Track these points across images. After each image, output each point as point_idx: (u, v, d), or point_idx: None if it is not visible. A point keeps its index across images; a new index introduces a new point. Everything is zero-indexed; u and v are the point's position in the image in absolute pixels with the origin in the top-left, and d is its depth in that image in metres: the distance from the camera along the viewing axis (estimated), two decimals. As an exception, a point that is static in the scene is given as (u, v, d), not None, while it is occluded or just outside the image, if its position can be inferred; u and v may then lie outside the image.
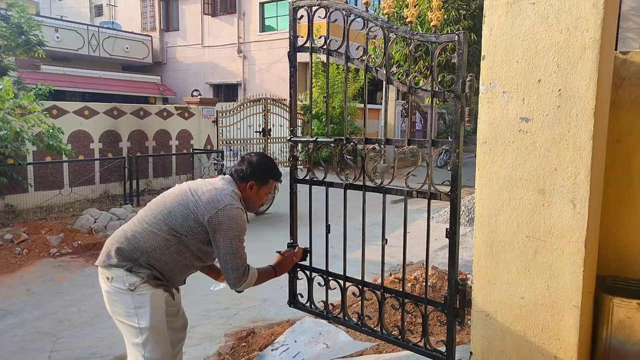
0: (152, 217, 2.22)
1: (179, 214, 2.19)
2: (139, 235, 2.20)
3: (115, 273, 2.17)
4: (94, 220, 7.38)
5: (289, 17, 2.96)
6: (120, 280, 2.16)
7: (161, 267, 2.21)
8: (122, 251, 2.18)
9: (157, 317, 2.21)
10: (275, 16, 18.79)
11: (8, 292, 4.96)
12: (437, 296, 3.85)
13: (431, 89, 2.43)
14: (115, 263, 2.16)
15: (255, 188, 2.39)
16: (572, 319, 2.00)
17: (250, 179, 2.37)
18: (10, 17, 9.09)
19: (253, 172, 2.38)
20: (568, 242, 1.98)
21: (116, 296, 2.19)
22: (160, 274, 2.22)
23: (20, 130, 6.75)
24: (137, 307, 2.15)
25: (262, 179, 2.41)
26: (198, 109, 11.66)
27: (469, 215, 7.74)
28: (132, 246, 2.18)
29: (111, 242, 2.25)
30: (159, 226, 2.19)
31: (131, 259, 2.17)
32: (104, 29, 19.49)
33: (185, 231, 2.18)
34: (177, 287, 2.40)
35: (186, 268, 2.31)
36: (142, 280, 2.16)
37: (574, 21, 1.89)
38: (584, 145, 1.91)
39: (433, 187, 2.47)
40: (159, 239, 2.18)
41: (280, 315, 4.26)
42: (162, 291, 2.24)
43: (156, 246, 2.18)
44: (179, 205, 2.22)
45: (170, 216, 2.20)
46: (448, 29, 8.41)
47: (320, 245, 2.92)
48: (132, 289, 2.14)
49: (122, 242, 2.20)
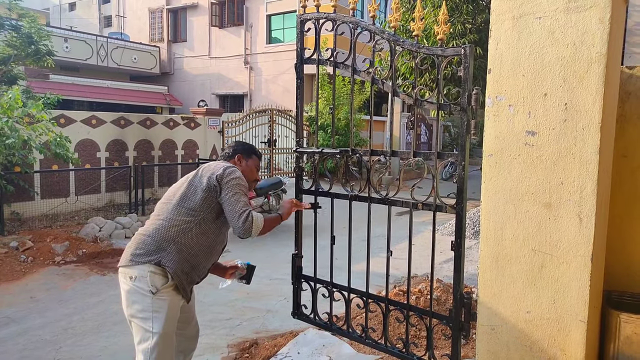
0: (167, 208, 2.34)
1: (189, 192, 2.33)
2: (161, 227, 2.29)
3: (140, 271, 2.21)
4: (99, 228, 7.39)
5: (296, 30, 2.99)
6: (143, 281, 2.20)
7: (188, 253, 2.28)
8: (149, 245, 2.25)
9: (170, 324, 2.26)
10: (282, 28, 18.94)
11: (12, 299, 4.97)
12: (442, 309, 3.82)
13: (437, 102, 2.44)
14: (144, 260, 2.22)
15: (243, 161, 2.58)
16: (579, 334, 1.98)
17: (235, 154, 2.59)
18: (21, 27, 9.21)
19: (236, 148, 2.62)
20: (574, 256, 1.97)
21: (135, 296, 2.22)
22: (187, 262, 2.28)
23: (28, 139, 6.80)
24: (154, 311, 2.20)
25: (245, 153, 2.61)
26: (204, 119, 11.72)
27: (474, 229, 7.70)
28: (158, 238, 2.26)
29: (134, 243, 2.31)
30: (177, 211, 2.31)
31: (159, 249, 2.24)
32: (112, 40, 19.70)
33: (199, 207, 2.31)
34: (200, 279, 2.44)
35: (209, 251, 2.39)
36: (165, 283, 2.22)
37: (580, 36, 1.90)
38: (591, 159, 1.91)
39: (439, 200, 2.47)
40: (179, 223, 2.29)
41: (283, 327, 4.24)
42: (180, 298, 2.31)
43: (179, 231, 2.28)
44: (188, 186, 2.36)
45: (182, 199, 2.33)
46: (454, 42, 8.44)
47: (325, 256, 2.91)
48: (153, 291, 2.19)
49: (146, 239, 2.27)
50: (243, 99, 19.76)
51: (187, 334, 2.57)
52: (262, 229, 2.36)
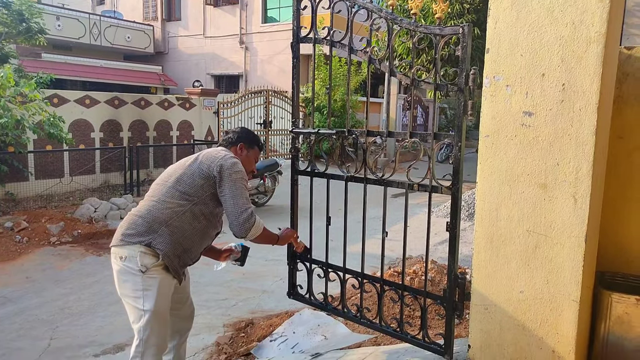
0: (162, 189, 2.31)
1: (186, 176, 2.30)
2: (153, 209, 2.26)
3: (130, 251, 2.20)
4: (94, 209, 7.37)
5: (292, 8, 2.95)
6: (133, 260, 2.19)
7: (181, 236, 2.26)
8: (140, 226, 2.23)
9: (162, 302, 2.25)
10: (277, 7, 18.68)
11: (8, 279, 4.97)
12: (436, 290, 3.86)
13: (434, 82, 2.42)
14: (134, 240, 2.20)
15: (244, 150, 2.54)
16: (571, 314, 2.00)
17: (238, 141, 2.54)
18: (12, 4, 9.03)
19: (240, 136, 2.57)
20: (568, 237, 1.98)
21: (126, 276, 2.22)
22: (180, 245, 2.26)
23: (21, 119, 6.72)
24: (144, 289, 2.20)
25: (248, 143, 2.57)
26: (199, 99, 11.63)
27: (469, 210, 7.74)
28: (150, 219, 2.23)
29: (126, 223, 2.29)
30: (171, 194, 2.28)
31: (151, 231, 2.21)
32: (105, 18, 19.38)
33: (195, 192, 2.28)
34: (192, 262, 2.42)
35: (202, 235, 2.37)
36: (154, 263, 2.20)
37: (579, 15, 1.87)
38: (587, 141, 1.91)
39: (434, 181, 2.47)
40: (173, 206, 2.26)
41: (279, 307, 4.27)
42: (171, 278, 2.28)
43: (172, 214, 2.24)
44: (183, 169, 2.34)
45: (178, 182, 2.30)
46: (451, 22, 8.37)
47: (321, 237, 2.92)
48: (143, 270, 2.18)
49: (138, 220, 2.25)
50: (238, 79, 19.59)
51: (182, 314, 2.57)
52: (258, 237, 2.35)
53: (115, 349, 3.58)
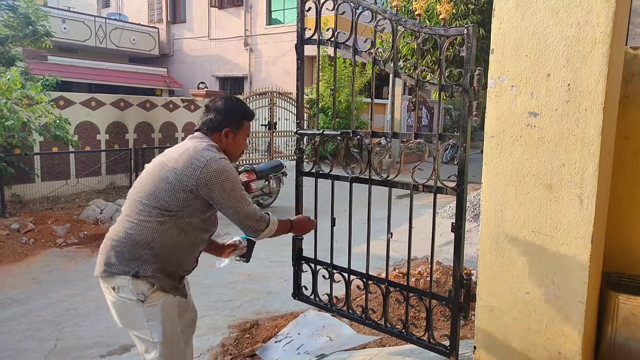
0: (136, 208, 2.01)
1: (162, 191, 1.97)
2: (132, 231, 1.98)
3: (120, 282, 1.96)
4: (100, 211, 7.41)
5: (296, 9, 2.95)
6: (127, 290, 1.95)
7: (168, 255, 2.00)
8: (122, 254, 1.96)
9: (170, 327, 2.03)
10: (282, 9, 18.71)
11: (15, 280, 5.00)
12: (441, 291, 3.85)
13: (439, 83, 2.41)
14: (119, 270, 1.95)
15: (231, 135, 2.15)
16: (578, 315, 1.99)
17: (222, 127, 2.13)
18: (18, 8, 9.10)
19: (224, 119, 2.13)
20: (574, 238, 1.97)
21: (126, 308, 2.00)
22: (171, 263, 2.02)
23: (27, 121, 6.77)
24: (149, 320, 1.98)
25: (235, 124, 2.15)
26: (204, 101, 11.66)
27: (474, 212, 7.72)
28: (130, 244, 1.97)
29: (106, 249, 2.03)
30: (147, 212, 1.97)
31: (134, 258, 1.95)
32: (111, 21, 19.49)
33: (176, 206, 1.96)
34: (190, 271, 2.20)
35: (193, 246, 2.11)
36: (151, 288, 1.96)
37: (584, 15, 1.87)
38: (593, 141, 1.90)
39: (439, 182, 2.47)
40: (153, 226, 1.96)
41: (284, 308, 4.27)
42: (172, 297, 2.05)
43: (154, 235, 1.96)
44: (158, 182, 1.99)
45: (154, 197, 1.97)
46: (456, 23, 8.36)
47: (325, 238, 2.92)
48: (142, 299, 1.95)
49: (117, 247, 1.98)
50: (243, 81, 19.63)
51: (185, 321, 2.33)
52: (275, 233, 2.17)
53: (122, 349, 3.59)
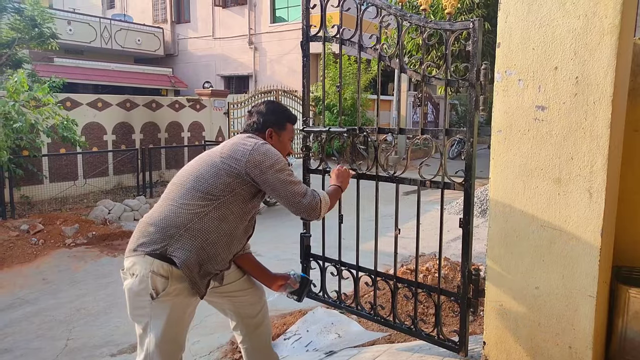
0: (179, 190, 1.98)
1: (208, 174, 1.97)
2: (170, 212, 1.93)
3: (141, 268, 1.89)
4: (108, 211, 7.46)
5: (301, 6, 2.95)
6: (144, 282, 1.88)
7: (204, 240, 1.92)
8: (154, 234, 1.90)
9: (171, 330, 1.95)
10: (286, 7, 18.70)
11: (25, 281, 5.05)
12: (450, 287, 3.84)
13: (445, 78, 2.40)
14: (147, 249, 1.88)
15: (275, 136, 2.18)
16: (588, 309, 1.98)
17: (266, 127, 2.17)
18: (24, 10, 9.16)
19: (267, 119, 2.17)
20: (584, 232, 1.96)
21: (135, 298, 1.94)
22: (203, 251, 1.92)
23: (35, 122, 6.82)
24: (152, 317, 1.92)
25: (278, 125, 2.20)
26: (209, 100, 11.69)
27: (481, 207, 7.69)
28: (165, 224, 1.91)
29: (138, 232, 1.98)
30: (190, 195, 1.94)
31: (166, 236, 1.88)
32: (116, 22, 19.56)
33: (220, 191, 1.94)
34: (219, 272, 2.07)
35: (230, 239, 2.01)
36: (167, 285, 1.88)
37: (592, 7, 1.85)
38: (601, 134, 1.88)
39: (447, 177, 2.46)
40: (193, 208, 1.92)
41: (292, 305, 4.27)
42: (185, 297, 1.95)
43: (192, 216, 1.91)
44: (205, 167, 2.00)
45: (199, 181, 1.96)
46: (461, 17, 8.31)
47: (333, 235, 2.92)
48: (153, 296, 1.88)
49: (150, 228, 1.93)
50: (248, 79, 19.65)
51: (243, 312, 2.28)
52: (330, 205, 2.14)
53: (132, 348, 3.61)
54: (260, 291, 2.37)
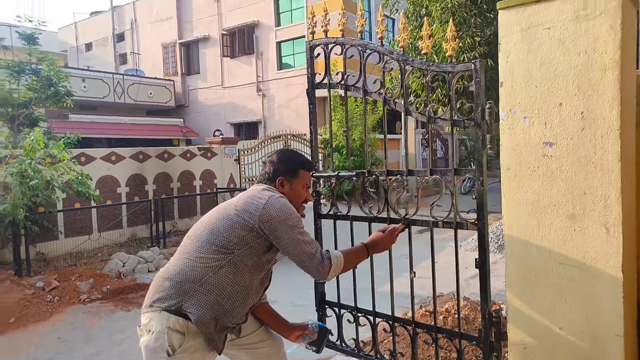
0: (194, 244, 1.99)
1: (223, 228, 1.96)
2: (185, 267, 1.93)
3: (157, 324, 1.87)
4: (122, 264, 7.45)
5: (305, 56, 3.02)
6: (160, 339, 1.85)
7: (219, 294, 1.91)
8: (169, 289, 1.90)
9: None
10: (292, 54, 19.23)
11: (40, 340, 5.00)
12: (471, 328, 3.73)
13: (450, 118, 2.42)
14: (163, 305, 1.88)
15: (286, 184, 2.17)
16: (616, 348, 1.90)
17: (277, 175, 2.17)
18: (41, 71, 9.52)
19: (277, 168, 2.18)
20: (604, 268, 1.90)
21: (154, 353, 1.89)
22: (219, 305, 1.91)
23: (50, 179, 6.94)
24: None
25: (289, 172, 2.18)
26: (220, 148, 11.85)
27: (498, 242, 7.56)
28: (180, 279, 1.90)
29: (154, 286, 1.98)
30: (205, 248, 1.94)
31: (181, 292, 1.87)
32: (128, 76, 20.24)
33: (234, 244, 1.94)
34: (236, 325, 2.05)
35: (246, 292, 2.00)
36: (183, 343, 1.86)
37: (591, 43, 1.87)
38: (612, 167, 1.86)
39: (459, 217, 2.43)
40: (207, 261, 1.92)
41: (310, 356, 4.16)
42: (200, 355, 1.92)
43: (207, 270, 1.90)
44: (220, 220, 2.00)
45: (214, 234, 1.96)
46: (464, 55, 8.45)
47: (348, 279, 2.88)
48: (170, 353, 1.85)
49: (165, 283, 1.93)
50: (257, 125, 20.00)
51: None
52: (344, 268, 2.08)
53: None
54: (279, 342, 2.33)
